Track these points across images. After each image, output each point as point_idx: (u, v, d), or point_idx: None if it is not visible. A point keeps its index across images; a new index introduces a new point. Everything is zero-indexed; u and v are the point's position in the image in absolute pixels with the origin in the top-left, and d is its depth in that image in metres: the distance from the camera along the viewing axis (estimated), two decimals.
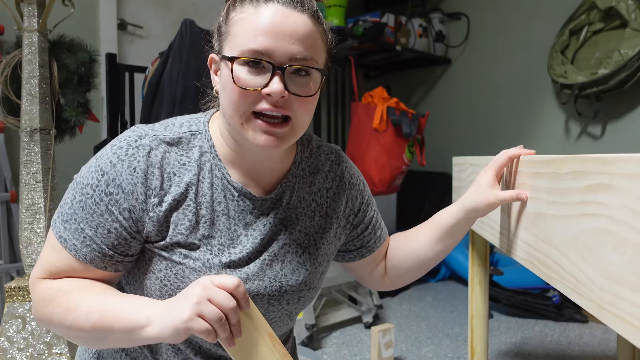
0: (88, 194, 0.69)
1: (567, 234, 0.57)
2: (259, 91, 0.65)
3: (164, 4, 2.86)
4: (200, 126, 0.75)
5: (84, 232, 0.69)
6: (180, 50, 1.87)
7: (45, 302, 0.70)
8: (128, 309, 0.65)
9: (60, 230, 0.70)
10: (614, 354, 2.02)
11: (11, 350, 1.45)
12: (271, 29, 0.64)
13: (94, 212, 0.69)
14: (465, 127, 3.52)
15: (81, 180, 0.71)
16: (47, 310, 0.69)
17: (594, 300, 0.50)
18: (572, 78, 2.71)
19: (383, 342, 1.81)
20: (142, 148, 0.70)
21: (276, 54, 0.65)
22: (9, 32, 2.06)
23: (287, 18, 0.65)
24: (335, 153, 0.86)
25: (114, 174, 0.68)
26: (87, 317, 0.66)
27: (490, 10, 3.35)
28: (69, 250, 0.69)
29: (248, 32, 0.65)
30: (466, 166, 1.32)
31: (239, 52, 0.66)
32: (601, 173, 0.49)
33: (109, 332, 0.65)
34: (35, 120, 1.53)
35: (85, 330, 0.66)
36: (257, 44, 0.64)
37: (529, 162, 0.74)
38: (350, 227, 0.87)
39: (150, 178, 0.69)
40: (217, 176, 0.73)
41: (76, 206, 0.70)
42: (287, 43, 0.65)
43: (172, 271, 0.71)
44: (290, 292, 0.77)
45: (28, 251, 1.53)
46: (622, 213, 0.45)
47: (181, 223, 0.71)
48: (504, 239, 0.89)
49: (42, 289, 0.71)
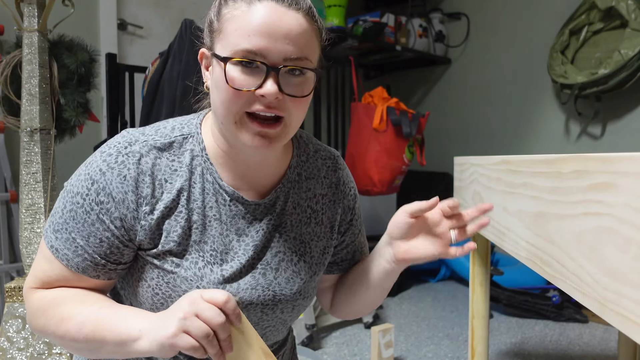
0: (78, 203, 0.68)
1: (570, 233, 0.57)
2: (253, 92, 0.63)
3: (164, 4, 2.86)
4: (192, 128, 0.73)
5: (75, 242, 0.68)
6: (180, 50, 1.87)
7: (39, 312, 0.69)
8: (121, 321, 0.64)
9: (51, 240, 0.69)
10: (614, 353, 2.02)
11: (11, 350, 1.45)
12: (265, 28, 0.62)
13: (85, 222, 0.68)
14: (465, 127, 3.52)
15: (71, 189, 0.70)
16: (41, 321, 0.69)
17: (597, 299, 0.50)
18: (572, 78, 2.71)
19: (383, 342, 1.81)
20: (132, 155, 0.68)
21: (270, 54, 0.63)
22: (9, 32, 2.05)
23: (281, 17, 0.63)
24: (332, 159, 0.84)
25: (104, 182, 0.67)
26: (80, 328, 0.65)
27: (490, 10, 3.35)
28: (60, 260, 0.69)
29: (241, 31, 0.63)
30: (467, 166, 1.32)
31: (232, 52, 0.64)
32: (604, 172, 0.49)
33: (102, 343, 0.65)
34: (35, 120, 1.53)
35: (78, 341, 0.66)
36: (250, 44, 0.62)
37: (531, 162, 0.74)
38: (338, 237, 0.85)
39: (141, 186, 0.68)
40: (209, 180, 0.72)
41: (67, 215, 0.69)
42: (281, 43, 0.63)
43: (164, 280, 0.70)
44: (284, 302, 0.76)
45: (28, 251, 1.53)
46: (626, 212, 0.44)
47: (173, 230, 0.70)
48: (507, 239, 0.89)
49: (35, 299, 0.70)
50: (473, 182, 1.23)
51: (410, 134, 2.36)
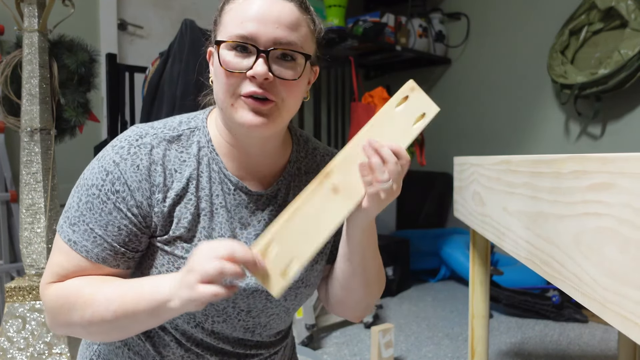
0: (94, 194, 0.70)
1: (570, 233, 0.57)
2: (244, 74, 0.67)
3: (164, 4, 2.86)
4: (198, 122, 0.77)
5: (94, 232, 0.69)
6: (180, 50, 1.87)
7: (59, 303, 0.69)
8: (146, 289, 0.65)
9: (68, 234, 0.70)
10: (614, 353, 2.02)
11: (11, 350, 1.45)
12: (257, 15, 0.67)
13: (102, 211, 0.69)
14: (465, 127, 3.52)
15: (85, 182, 0.71)
16: (63, 311, 0.69)
17: (597, 300, 0.50)
18: (572, 78, 2.71)
19: (383, 342, 1.81)
20: (143, 147, 0.71)
21: (261, 38, 0.67)
22: (9, 32, 2.05)
23: (272, 5, 0.68)
24: (330, 155, 0.87)
25: (119, 172, 0.69)
26: (107, 306, 0.66)
27: (490, 10, 3.35)
28: (79, 252, 0.70)
29: (236, 20, 0.68)
30: (467, 166, 1.32)
31: (227, 38, 0.69)
32: (603, 172, 0.49)
33: (134, 315, 0.65)
34: (36, 120, 1.53)
35: (107, 321, 0.66)
36: (243, 29, 0.67)
37: (530, 162, 0.74)
38: None
39: (153, 175, 0.71)
40: (215, 170, 0.75)
41: (83, 207, 0.70)
42: (271, 28, 0.67)
43: (174, 265, 0.72)
44: (287, 289, 0.78)
45: (28, 251, 1.53)
46: (625, 212, 0.45)
47: (184, 217, 0.72)
48: (507, 239, 0.89)
49: (53, 291, 0.71)
50: (473, 182, 1.23)
51: None
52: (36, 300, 1.49)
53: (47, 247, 1.53)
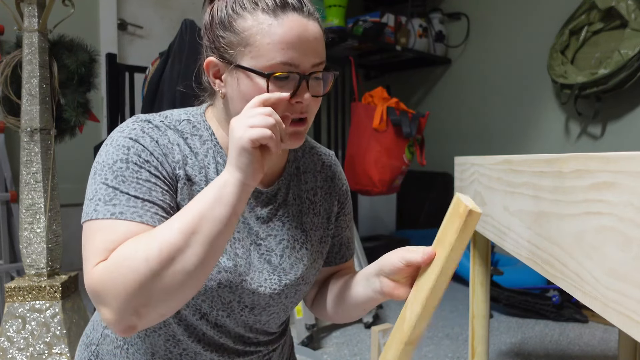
0: (122, 168, 0.66)
1: (572, 232, 0.57)
2: (288, 100, 0.68)
3: (164, 4, 2.86)
4: (197, 117, 0.78)
5: (138, 199, 0.65)
6: (180, 50, 1.87)
7: (116, 265, 0.59)
8: (203, 192, 0.62)
9: (109, 210, 0.64)
10: (614, 353, 2.02)
11: (11, 350, 1.45)
12: (297, 41, 0.67)
13: (139, 179, 0.66)
14: (465, 127, 3.52)
15: (106, 162, 0.67)
16: (123, 272, 0.58)
17: (599, 299, 0.50)
18: (572, 78, 2.71)
19: (383, 342, 1.81)
20: (155, 128, 0.71)
21: (302, 64, 0.68)
22: (9, 32, 2.05)
23: (306, 28, 0.68)
24: (327, 155, 0.90)
25: (140, 146, 0.68)
26: (170, 228, 0.59)
27: (490, 10, 3.35)
28: (132, 219, 0.63)
29: (275, 44, 0.67)
30: (468, 166, 1.32)
31: (268, 66, 0.67)
32: (605, 171, 0.49)
33: (199, 223, 0.59)
34: (36, 120, 1.53)
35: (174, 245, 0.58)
36: (286, 56, 0.67)
37: (532, 161, 0.74)
38: (332, 228, 0.89)
39: (172, 152, 0.71)
40: (220, 162, 0.75)
41: (114, 183, 0.65)
42: (311, 53, 0.69)
43: None
44: (289, 287, 0.79)
45: (28, 251, 1.53)
46: (627, 211, 0.44)
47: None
48: (508, 239, 0.89)
49: (103, 265, 0.61)
50: (474, 182, 1.23)
51: (410, 134, 2.36)
52: (36, 300, 1.49)
53: (47, 247, 1.53)
